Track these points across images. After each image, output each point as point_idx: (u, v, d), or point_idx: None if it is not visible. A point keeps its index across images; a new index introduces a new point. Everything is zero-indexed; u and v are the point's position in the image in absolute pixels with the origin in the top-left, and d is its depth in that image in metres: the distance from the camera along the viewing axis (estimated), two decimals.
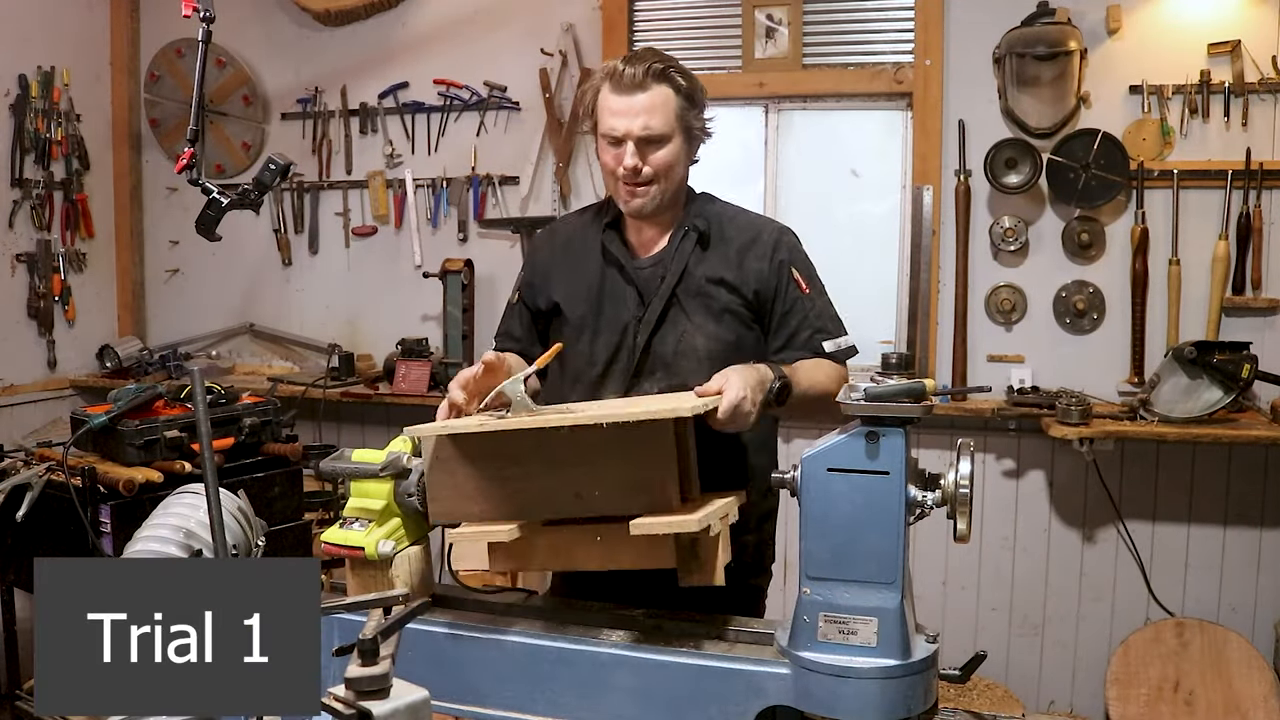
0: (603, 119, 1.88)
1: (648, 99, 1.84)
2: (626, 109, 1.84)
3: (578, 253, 2.00)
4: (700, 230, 1.94)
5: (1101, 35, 3.27)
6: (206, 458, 1.24)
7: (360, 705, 1.04)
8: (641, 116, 1.84)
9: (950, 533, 1.35)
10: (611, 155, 1.88)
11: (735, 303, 1.92)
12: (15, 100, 3.81)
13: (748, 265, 1.93)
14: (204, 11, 2.01)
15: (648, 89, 1.84)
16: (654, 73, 1.83)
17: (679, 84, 1.87)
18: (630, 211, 1.93)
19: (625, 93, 1.84)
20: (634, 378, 1.91)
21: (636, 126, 1.84)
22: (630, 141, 1.85)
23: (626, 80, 1.83)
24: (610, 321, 1.94)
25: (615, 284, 1.95)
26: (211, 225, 2.01)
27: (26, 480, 2.60)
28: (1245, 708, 3.11)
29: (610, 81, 1.86)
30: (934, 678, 1.38)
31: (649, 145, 1.86)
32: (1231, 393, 3.06)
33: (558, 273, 2.02)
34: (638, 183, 1.88)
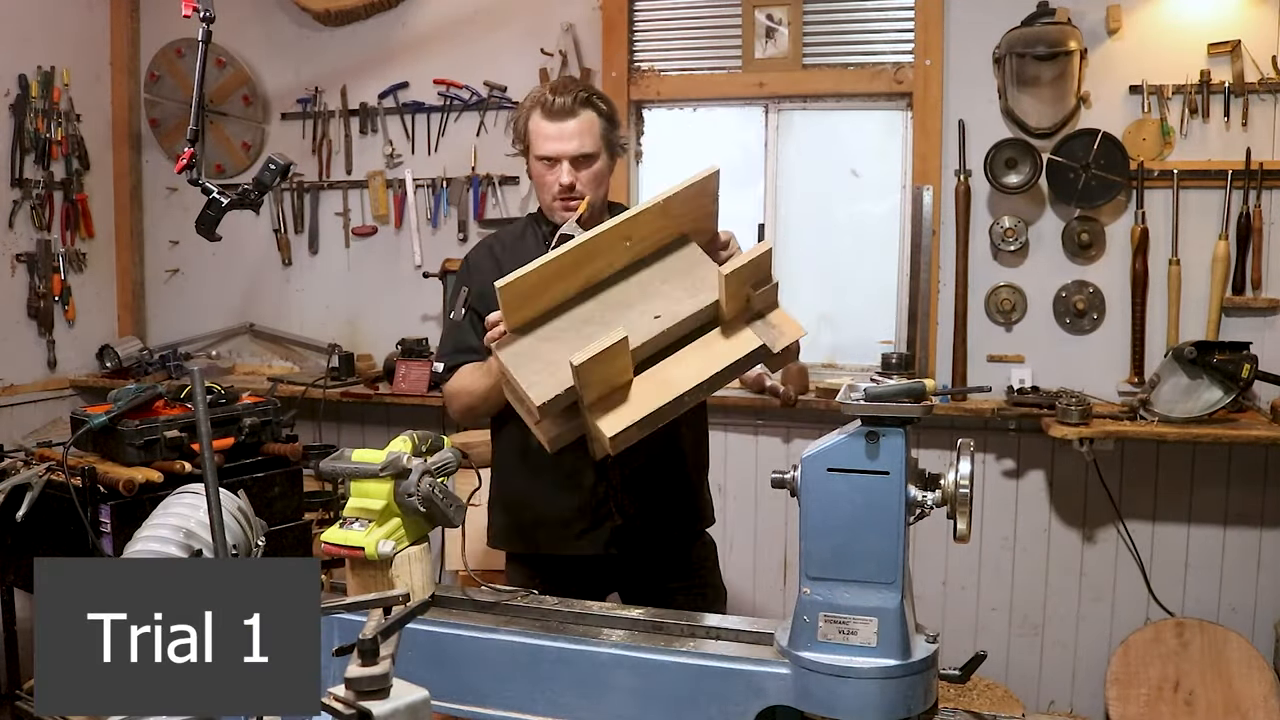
0: (537, 143, 2.10)
1: (577, 124, 2.08)
2: (559, 134, 2.07)
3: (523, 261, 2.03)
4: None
5: (1101, 35, 3.28)
6: (206, 458, 1.24)
7: (360, 705, 1.04)
8: (574, 140, 2.07)
9: (950, 533, 1.35)
10: (547, 175, 2.10)
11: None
12: (15, 100, 3.81)
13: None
14: (204, 11, 2.01)
15: (577, 115, 2.07)
16: (580, 100, 2.08)
17: (601, 108, 2.12)
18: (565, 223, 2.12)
19: (557, 119, 2.07)
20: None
21: (570, 148, 2.07)
22: (564, 162, 2.08)
23: (557, 108, 2.06)
24: None
25: None
26: (211, 225, 2.01)
27: (26, 480, 2.60)
28: (1245, 708, 3.11)
29: (541, 109, 2.08)
30: (934, 678, 1.38)
31: (580, 164, 2.09)
32: (1231, 393, 3.06)
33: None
34: (571, 197, 2.10)
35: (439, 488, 1.62)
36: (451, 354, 2.18)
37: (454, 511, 1.64)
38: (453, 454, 1.70)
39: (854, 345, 3.68)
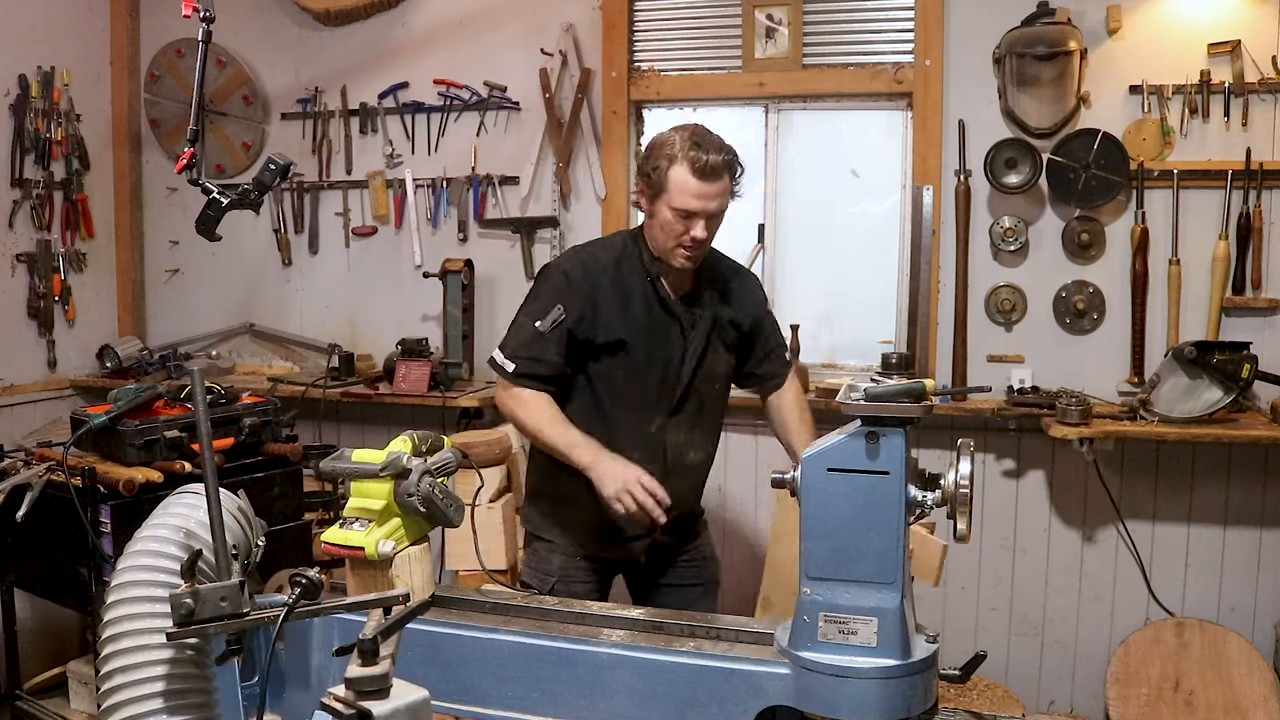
0: (678, 196, 2.18)
1: (720, 186, 2.20)
2: (704, 194, 2.18)
3: (624, 293, 2.31)
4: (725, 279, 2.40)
5: (1101, 35, 3.28)
6: (206, 458, 1.24)
7: (360, 705, 1.04)
8: (716, 200, 2.20)
9: (950, 533, 1.35)
10: (679, 225, 2.20)
11: (735, 336, 2.43)
12: (15, 100, 3.80)
13: (744, 307, 2.44)
14: (204, 11, 2.01)
15: (721, 177, 2.19)
16: (726, 165, 2.20)
17: (734, 169, 2.24)
18: (681, 268, 2.27)
19: (705, 180, 2.17)
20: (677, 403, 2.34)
21: (711, 207, 2.20)
22: (703, 219, 2.20)
23: (709, 169, 2.16)
24: (658, 354, 2.31)
25: (661, 320, 2.31)
26: (211, 225, 2.01)
27: (26, 480, 2.60)
28: (1245, 708, 3.11)
29: (689, 165, 2.17)
30: (934, 678, 1.38)
31: (713, 219, 2.23)
32: (1231, 393, 3.06)
33: (604, 306, 2.29)
34: (695, 248, 2.23)
35: (439, 488, 1.62)
36: (527, 360, 2.27)
37: (454, 511, 1.64)
38: (453, 454, 1.70)
39: (854, 345, 3.68)
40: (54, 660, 3.21)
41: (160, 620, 1.23)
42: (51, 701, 2.99)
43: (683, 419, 2.36)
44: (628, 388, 2.31)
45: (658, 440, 2.34)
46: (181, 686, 1.24)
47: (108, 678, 1.24)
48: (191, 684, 1.26)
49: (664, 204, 2.20)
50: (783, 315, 3.61)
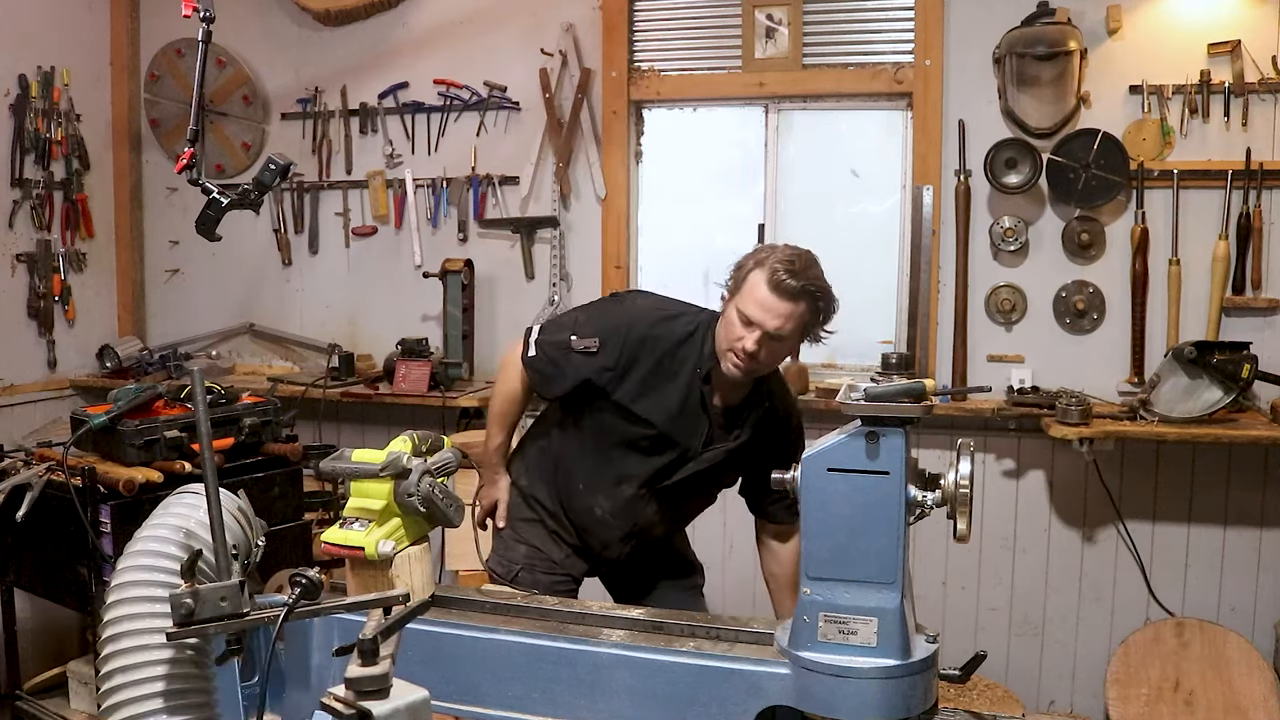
0: (746, 301, 2.06)
1: (791, 308, 2.04)
2: (774, 309, 2.04)
3: (671, 373, 2.21)
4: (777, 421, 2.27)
5: (1101, 35, 3.28)
6: (206, 458, 1.24)
7: (360, 705, 1.04)
8: (779, 320, 2.05)
9: (950, 533, 1.35)
10: (739, 329, 2.08)
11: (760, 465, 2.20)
12: (15, 100, 3.80)
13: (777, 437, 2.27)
14: (204, 11, 2.01)
15: (795, 301, 2.04)
16: (807, 291, 2.04)
17: (819, 305, 2.09)
18: (730, 375, 2.14)
19: (776, 294, 2.03)
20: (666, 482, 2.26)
21: (771, 325, 2.05)
22: (760, 332, 2.05)
23: (784, 288, 2.03)
24: (679, 441, 2.22)
25: (695, 412, 2.21)
26: (211, 225, 2.01)
27: (26, 480, 2.60)
28: (1245, 708, 3.11)
29: (768, 275, 2.04)
30: (934, 678, 1.38)
31: (771, 340, 2.07)
32: (1231, 393, 3.06)
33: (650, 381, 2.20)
34: (747, 362, 2.09)
35: (439, 488, 1.62)
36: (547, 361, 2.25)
37: (454, 511, 1.64)
38: (453, 454, 1.70)
39: (854, 345, 3.67)
40: (54, 660, 3.21)
41: (160, 620, 1.23)
42: (51, 701, 2.99)
43: (664, 499, 2.30)
44: (627, 451, 2.25)
45: (630, 507, 2.29)
46: (181, 686, 1.24)
47: (108, 678, 1.24)
48: (191, 684, 1.26)
49: (735, 303, 2.09)
50: None
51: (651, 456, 2.24)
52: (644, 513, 2.30)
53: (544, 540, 2.36)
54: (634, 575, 2.45)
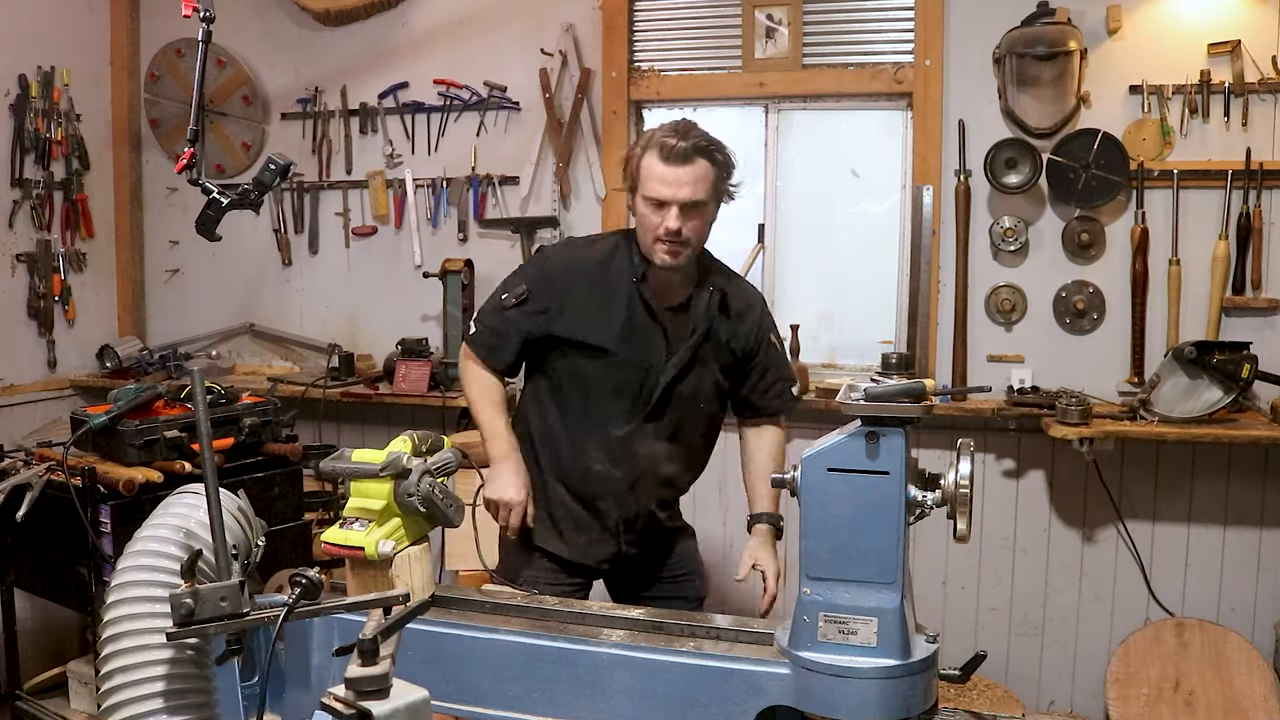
0: (648, 184, 2.08)
1: (692, 171, 2.06)
2: (674, 180, 2.06)
3: (605, 292, 2.20)
4: (723, 293, 2.24)
5: (1101, 35, 3.28)
6: (206, 458, 1.24)
7: (360, 705, 1.04)
8: (687, 187, 2.06)
9: (950, 533, 1.35)
10: (654, 216, 2.09)
11: (730, 360, 2.28)
12: (15, 100, 3.80)
13: (742, 330, 2.28)
14: (204, 11, 2.01)
15: (693, 162, 2.06)
16: (698, 148, 2.07)
17: (717, 158, 2.11)
18: (665, 267, 2.14)
19: (673, 164, 2.05)
20: (651, 411, 2.21)
21: (682, 195, 2.06)
22: (674, 206, 2.06)
23: (676, 154, 2.05)
24: (636, 358, 2.19)
25: (643, 323, 2.19)
26: (211, 225, 2.01)
27: (26, 480, 2.60)
28: (1245, 708, 3.11)
29: (659, 151, 2.06)
30: (934, 678, 1.38)
31: (688, 210, 2.08)
32: (1231, 393, 3.06)
33: (587, 308, 2.18)
34: (675, 242, 2.09)
35: (439, 488, 1.62)
36: (488, 332, 2.25)
37: (454, 511, 1.64)
38: (453, 454, 1.70)
39: (854, 345, 3.68)
40: (54, 660, 3.21)
41: (160, 620, 1.23)
42: (51, 701, 2.99)
43: (657, 431, 2.23)
44: (596, 389, 2.20)
45: (625, 448, 2.22)
46: (181, 686, 1.24)
47: (108, 678, 1.24)
48: (191, 684, 1.26)
49: (640, 196, 2.11)
50: (783, 315, 3.62)
51: (621, 387, 2.19)
52: (641, 451, 2.23)
53: (554, 539, 2.30)
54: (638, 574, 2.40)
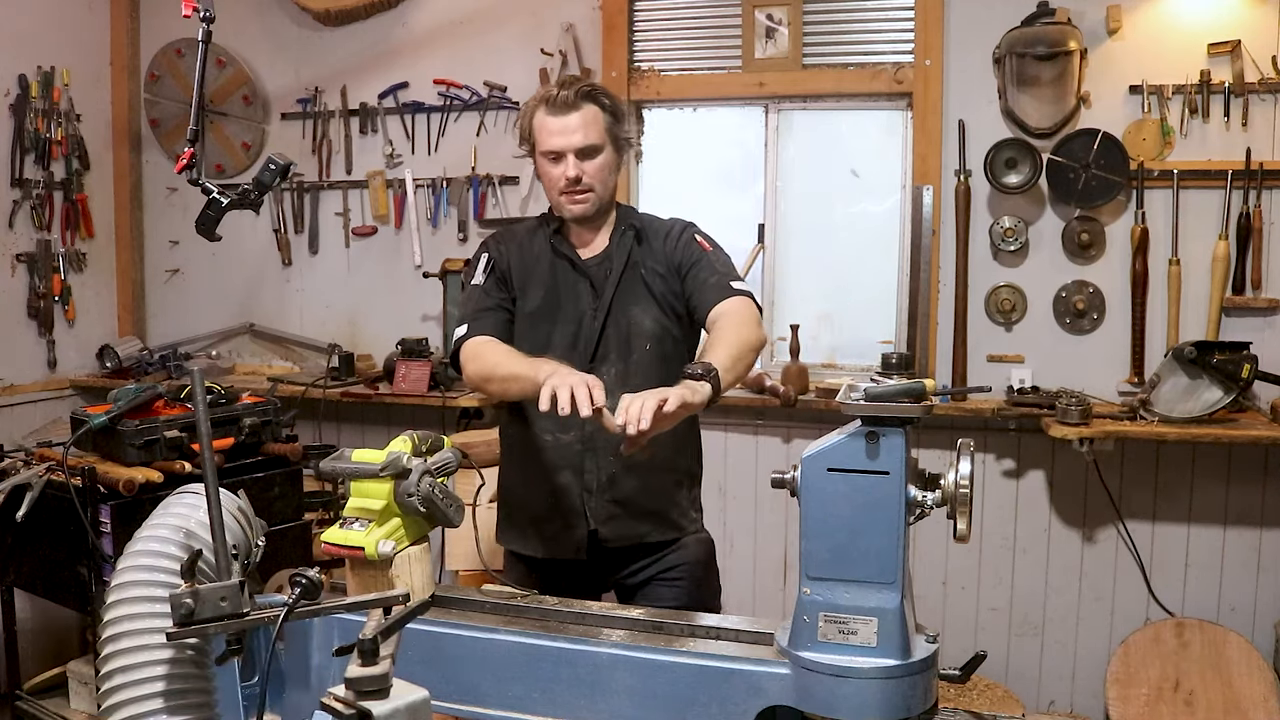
0: (542, 139, 2.12)
1: (580, 116, 2.09)
2: (563, 128, 2.09)
3: (531, 254, 2.24)
4: (636, 228, 2.21)
5: (1101, 35, 3.28)
6: (206, 458, 1.24)
7: (360, 705, 1.04)
8: (577, 133, 2.09)
9: (950, 533, 1.35)
10: (553, 170, 2.12)
11: (668, 288, 2.18)
12: (15, 100, 3.81)
13: (667, 250, 2.20)
14: (204, 11, 2.01)
15: (579, 108, 2.09)
16: (582, 94, 2.10)
17: (604, 102, 2.14)
18: (573, 217, 2.17)
19: (560, 113, 2.09)
20: (590, 361, 2.13)
21: (574, 141, 2.09)
22: (570, 155, 2.10)
23: (560, 102, 2.09)
24: (567, 312, 2.17)
25: (568, 278, 2.19)
26: (211, 225, 2.01)
27: (26, 480, 2.60)
28: (1245, 708, 3.11)
29: (545, 105, 2.11)
30: (934, 678, 1.38)
31: (585, 157, 2.11)
32: (1231, 393, 3.06)
33: (517, 270, 2.23)
34: (577, 190, 2.12)
35: (439, 488, 1.62)
36: (474, 314, 2.20)
37: (454, 511, 1.64)
38: (453, 454, 1.70)
39: (854, 345, 3.68)
40: (54, 660, 3.21)
41: (160, 620, 1.23)
42: (51, 701, 2.99)
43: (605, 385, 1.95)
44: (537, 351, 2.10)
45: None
46: (181, 686, 1.24)
47: (108, 678, 1.24)
48: (191, 684, 1.26)
49: (538, 155, 2.15)
50: (783, 315, 3.63)
51: (557, 345, 2.13)
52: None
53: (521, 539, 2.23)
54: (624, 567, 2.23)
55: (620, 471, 2.15)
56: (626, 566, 2.25)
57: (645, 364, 2.15)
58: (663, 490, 2.23)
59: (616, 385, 2.07)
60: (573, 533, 2.19)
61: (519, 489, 2.26)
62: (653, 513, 2.22)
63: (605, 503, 2.17)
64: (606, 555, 2.21)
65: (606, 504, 2.17)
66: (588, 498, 2.17)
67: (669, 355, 2.17)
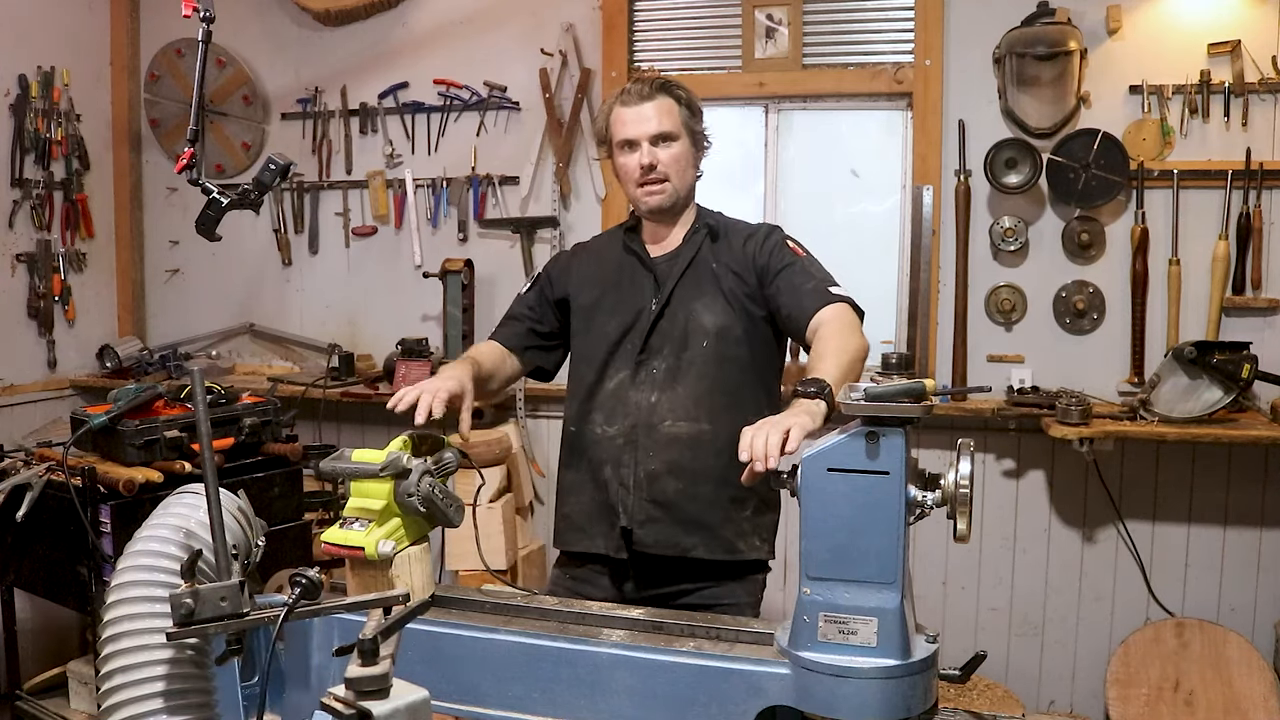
0: (617, 130, 2.13)
1: (654, 106, 2.10)
2: (637, 117, 2.10)
3: (600, 254, 2.26)
4: (711, 226, 2.17)
5: (1101, 35, 3.28)
6: (206, 458, 1.24)
7: (360, 705, 1.04)
8: (652, 121, 2.09)
9: (950, 533, 1.35)
10: (629, 160, 2.11)
11: (741, 288, 2.09)
12: (15, 100, 3.80)
13: (748, 251, 2.12)
14: (204, 11, 2.00)
15: (654, 99, 2.10)
16: (658, 85, 2.11)
17: (680, 95, 2.15)
18: (649, 209, 2.14)
19: (635, 103, 2.10)
20: (641, 354, 2.10)
21: (649, 129, 2.09)
22: (644, 142, 2.09)
23: (635, 94, 2.11)
24: (625, 303, 2.14)
25: (634, 272, 2.17)
26: (211, 225, 2.01)
27: (26, 480, 2.60)
28: (1245, 708, 3.11)
29: (620, 100, 2.13)
30: (934, 678, 1.38)
31: (660, 145, 2.10)
32: (1231, 393, 3.06)
33: (579, 270, 2.25)
34: (653, 179, 2.10)
35: (439, 488, 1.62)
36: (501, 321, 2.30)
37: (454, 511, 1.64)
38: (453, 454, 1.70)
39: None
40: (54, 660, 3.21)
41: (160, 620, 1.23)
42: (51, 701, 2.99)
43: (653, 378, 2.07)
44: (594, 346, 2.14)
45: (618, 400, 2.07)
46: (181, 686, 1.24)
47: (108, 678, 1.24)
48: (191, 684, 1.26)
49: (615, 151, 2.15)
50: None
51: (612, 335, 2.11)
52: (633, 399, 2.07)
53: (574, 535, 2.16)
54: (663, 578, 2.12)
55: (662, 470, 2.05)
56: (672, 584, 2.10)
57: (700, 361, 2.07)
58: (713, 502, 2.07)
59: (665, 380, 2.07)
60: (610, 529, 2.09)
61: (569, 482, 2.20)
62: (700, 525, 2.07)
63: (643, 502, 2.06)
64: (647, 563, 2.09)
65: (644, 503, 2.06)
66: (624, 494, 2.07)
67: (728, 355, 2.08)
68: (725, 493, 2.06)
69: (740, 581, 2.12)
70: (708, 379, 2.06)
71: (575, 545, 2.16)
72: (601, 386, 2.11)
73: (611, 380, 2.10)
